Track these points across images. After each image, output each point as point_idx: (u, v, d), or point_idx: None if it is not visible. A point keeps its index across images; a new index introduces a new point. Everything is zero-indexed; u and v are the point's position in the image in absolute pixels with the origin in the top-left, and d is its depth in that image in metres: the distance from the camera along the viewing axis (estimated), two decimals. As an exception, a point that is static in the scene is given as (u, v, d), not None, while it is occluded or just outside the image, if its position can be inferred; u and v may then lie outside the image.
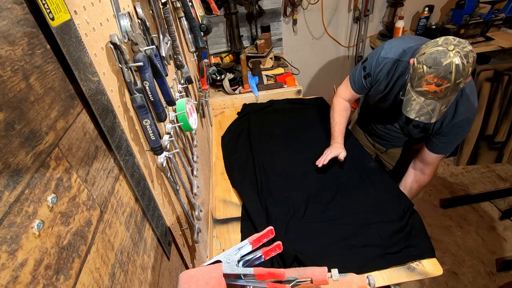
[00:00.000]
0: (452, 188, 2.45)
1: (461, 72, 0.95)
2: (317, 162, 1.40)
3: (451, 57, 0.95)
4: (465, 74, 0.96)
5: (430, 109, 1.04)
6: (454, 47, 0.95)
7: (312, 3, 2.42)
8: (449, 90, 0.98)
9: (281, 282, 0.68)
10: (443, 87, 0.98)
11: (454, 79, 0.96)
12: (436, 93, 1.00)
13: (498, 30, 2.37)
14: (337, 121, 1.46)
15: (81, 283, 0.38)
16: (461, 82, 0.97)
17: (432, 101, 1.02)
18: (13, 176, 0.30)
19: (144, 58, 0.58)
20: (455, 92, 1.01)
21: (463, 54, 0.95)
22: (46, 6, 0.36)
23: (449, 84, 0.97)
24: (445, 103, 1.03)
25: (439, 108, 1.03)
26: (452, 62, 0.94)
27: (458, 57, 0.94)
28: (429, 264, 1.04)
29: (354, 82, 1.40)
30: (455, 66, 0.94)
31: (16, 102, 0.32)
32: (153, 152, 0.65)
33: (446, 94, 0.99)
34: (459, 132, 1.21)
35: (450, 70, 0.95)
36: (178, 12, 1.13)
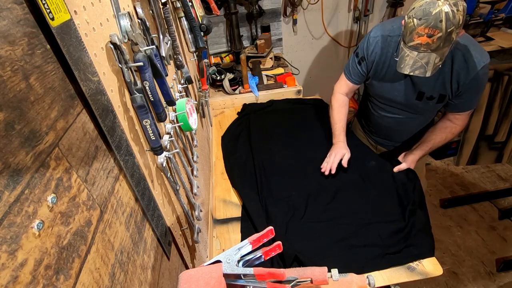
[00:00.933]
0: (452, 188, 2.45)
1: (451, 20, 0.94)
2: (323, 170, 1.36)
3: (440, 5, 0.94)
4: (455, 22, 0.95)
5: (424, 62, 1.02)
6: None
7: (312, 3, 2.42)
8: (441, 40, 0.97)
9: (281, 282, 0.68)
10: (435, 37, 0.97)
11: (445, 28, 0.95)
12: (429, 44, 0.98)
13: (498, 30, 2.38)
14: (337, 118, 1.44)
15: (81, 283, 0.38)
16: (452, 31, 0.96)
17: (425, 54, 1.01)
18: (13, 176, 0.30)
19: (144, 58, 0.58)
20: (448, 43, 0.99)
21: (452, 2, 0.94)
22: (46, 6, 0.36)
23: (441, 33, 0.96)
24: (439, 55, 1.01)
25: (433, 60, 1.01)
26: (441, 11, 0.94)
27: (447, 5, 0.94)
28: (429, 264, 1.04)
29: (349, 73, 1.39)
30: (444, 14, 0.93)
31: (16, 102, 0.32)
32: (153, 152, 0.65)
33: (439, 45, 0.98)
34: (480, 83, 1.16)
35: (440, 19, 0.94)
36: (178, 12, 1.14)
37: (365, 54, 1.29)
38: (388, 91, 1.32)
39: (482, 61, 1.11)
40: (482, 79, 1.15)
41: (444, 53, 1.02)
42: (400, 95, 1.30)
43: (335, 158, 1.35)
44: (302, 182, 1.37)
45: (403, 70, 1.06)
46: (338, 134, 1.42)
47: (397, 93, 1.30)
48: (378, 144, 1.61)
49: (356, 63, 1.34)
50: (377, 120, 1.49)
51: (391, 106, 1.38)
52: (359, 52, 1.32)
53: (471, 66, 1.11)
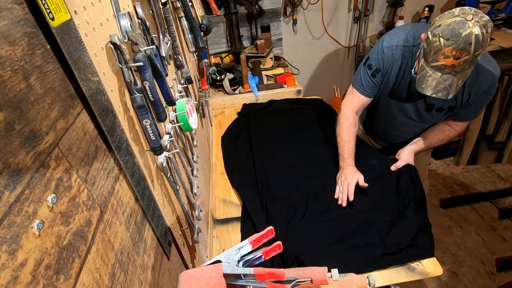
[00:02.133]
0: (452, 188, 2.45)
1: (480, 43, 0.89)
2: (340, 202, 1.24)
3: (470, 27, 0.89)
4: (484, 45, 0.91)
5: (447, 85, 0.97)
6: (472, 17, 0.89)
7: (312, 3, 2.42)
8: (467, 63, 0.93)
9: (281, 282, 0.68)
10: (461, 60, 0.92)
11: (473, 51, 0.90)
12: (454, 66, 0.94)
13: (498, 30, 2.37)
14: (346, 139, 1.31)
15: (81, 283, 0.38)
16: (479, 54, 0.92)
17: (449, 76, 0.96)
18: (13, 176, 0.30)
19: (144, 58, 0.58)
20: (472, 65, 0.95)
21: (482, 24, 0.89)
22: (46, 6, 0.36)
23: (468, 56, 0.91)
24: (462, 77, 0.97)
25: (456, 82, 0.97)
26: (471, 33, 0.89)
27: (478, 27, 0.88)
28: (429, 264, 1.04)
29: (362, 87, 1.29)
30: (474, 37, 0.88)
31: (16, 102, 0.32)
32: (153, 152, 0.65)
33: (464, 67, 0.94)
34: (489, 96, 1.15)
35: (470, 41, 0.89)
36: (178, 12, 1.14)
37: (380, 65, 1.21)
38: (397, 102, 1.29)
39: (494, 74, 1.09)
40: (492, 92, 1.14)
41: (466, 74, 0.98)
42: (410, 107, 1.27)
43: (349, 186, 1.24)
44: (302, 182, 1.37)
45: (424, 91, 1.01)
46: (347, 156, 1.31)
47: (407, 105, 1.27)
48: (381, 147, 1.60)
49: (369, 76, 1.25)
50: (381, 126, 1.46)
51: (398, 115, 1.34)
52: (373, 64, 1.23)
53: (483, 80, 1.09)
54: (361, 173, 1.27)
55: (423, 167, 1.58)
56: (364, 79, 1.27)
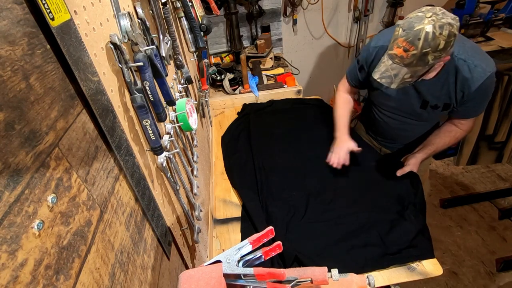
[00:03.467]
0: (452, 188, 2.45)
1: (429, 41, 0.93)
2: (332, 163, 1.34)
3: (424, 24, 0.93)
4: (433, 45, 0.93)
5: (393, 74, 1.03)
6: (432, 15, 0.93)
7: (312, 3, 2.42)
8: (415, 58, 0.96)
9: (281, 282, 0.68)
10: (409, 53, 0.96)
11: (421, 47, 0.94)
12: (402, 58, 0.98)
13: (498, 30, 2.37)
14: (340, 114, 1.44)
15: (81, 283, 0.38)
16: (428, 52, 0.94)
17: (397, 66, 1.01)
18: (13, 176, 0.30)
19: (144, 58, 0.58)
20: (422, 64, 0.98)
21: (439, 24, 0.92)
22: (46, 6, 0.36)
23: (415, 51, 0.95)
24: (410, 72, 1.01)
25: (402, 75, 1.01)
26: (423, 29, 0.93)
27: (432, 25, 0.92)
28: (429, 264, 1.04)
29: (350, 77, 1.41)
30: (424, 34, 0.92)
31: (16, 102, 0.32)
32: (153, 152, 0.65)
33: (411, 62, 0.98)
34: (486, 92, 1.15)
35: (419, 37, 0.93)
36: (178, 12, 1.14)
37: (364, 63, 1.29)
38: (390, 99, 1.32)
39: (488, 71, 1.09)
40: (488, 88, 1.14)
41: (416, 71, 1.01)
42: (404, 104, 1.29)
43: (341, 152, 1.33)
44: (302, 182, 1.37)
45: (374, 74, 1.07)
46: (342, 127, 1.40)
47: (401, 102, 1.29)
48: (382, 146, 1.59)
49: (357, 70, 1.35)
50: (381, 125, 1.48)
51: (394, 113, 1.37)
52: (360, 60, 1.32)
53: (476, 77, 1.10)
54: (353, 141, 1.34)
55: (424, 168, 1.57)
56: (353, 71, 1.38)
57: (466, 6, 2.14)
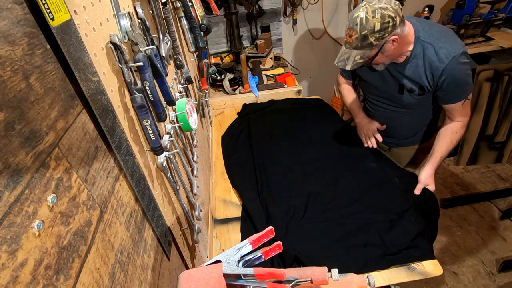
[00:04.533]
0: (452, 188, 2.45)
1: (364, 25, 1.08)
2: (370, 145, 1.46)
3: (360, 11, 1.09)
4: (369, 27, 1.08)
5: (346, 57, 1.19)
6: (366, 3, 1.10)
7: (312, 3, 2.42)
8: (358, 41, 1.12)
9: (281, 282, 0.68)
10: (353, 38, 1.13)
11: (359, 31, 1.10)
12: (350, 43, 1.15)
13: (498, 30, 2.37)
14: (350, 100, 1.57)
15: (81, 283, 0.38)
16: (366, 35, 1.09)
17: (348, 50, 1.18)
18: (13, 176, 0.30)
19: (144, 58, 0.58)
20: (366, 45, 1.12)
21: (371, 10, 1.08)
22: (46, 6, 0.36)
23: (356, 35, 1.11)
24: (359, 54, 1.16)
25: (353, 57, 1.17)
26: (358, 16, 1.09)
27: (364, 11, 1.08)
28: (429, 264, 1.04)
29: (341, 70, 1.55)
30: (359, 19, 1.09)
31: (16, 102, 0.32)
32: (153, 152, 0.65)
33: (357, 45, 1.13)
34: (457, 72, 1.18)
35: (356, 22, 1.10)
36: (178, 12, 1.14)
37: None
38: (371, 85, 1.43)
39: (453, 51, 1.15)
40: (458, 68, 1.17)
41: (365, 53, 1.15)
42: (383, 88, 1.38)
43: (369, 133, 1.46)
44: (302, 182, 1.37)
45: (335, 60, 1.23)
46: (358, 112, 1.54)
47: (381, 87, 1.39)
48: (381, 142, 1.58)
49: None
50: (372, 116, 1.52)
51: (379, 101, 1.46)
52: None
53: (440, 57, 1.17)
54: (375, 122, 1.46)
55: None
56: None
57: (466, 6, 2.14)
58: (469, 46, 2.21)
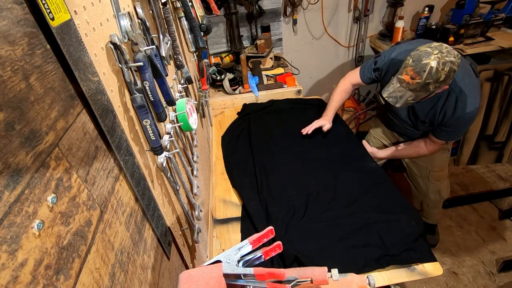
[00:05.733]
0: (452, 188, 2.45)
1: (432, 74, 1.11)
2: (302, 130, 1.59)
3: (431, 59, 1.11)
4: (435, 78, 1.11)
5: (399, 95, 1.21)
6: (438, 53, 1.11)
7: (312, 3, 2.42)
8: (418, 85, 1.15)
9: (281, 282, 0.68)
10: (415, 81, 1.15)
11: (424, 78, 1.12)
12: (409, 84, 1.17)
13: (498, 30, 2.37)
14: (335, 99, 1.64)
15: (81, 283, 0.38)
16: (430, 83, 1.13)
17: (403, 89, 1.19)
18: (13, 176, 0.30)
19: (144, 58, 0.58)
20: (424, 90, 1.16)
21: (442, 61, 1.10)
22: (46, 6, 0.36)
23: (420, 80, 1.13)
24: (413, 96, 1.19)
25: (406, 97, 1.20)
26: (429, 63, 1.11)
27: (436, 62, 1.10)
28: (429, 264, 1.04)
29: (363, 73, 1.54)
30: (429, 68, 1.11)
31: (16, 102, 0.32)
32: (153, 152, 0.65)
33: (415, 88, 1.16)
34: (460, 125, 1.34)
35: (424, 69, 1.11)
36: (178, 12, 1.13)
37: (381, 67, 1.45)
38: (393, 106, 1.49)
39: (469, 109, 1.26)
40: (464, 123, 1.32)
41: (418, 95, 1.19)
42: (402, 113, 1.51)
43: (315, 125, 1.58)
44: (302, 182, 1.37)
45: (383, 92, 1.25)
46: (329, 110, 1.64)
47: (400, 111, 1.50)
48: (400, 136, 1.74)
49: (372, 70, 1.50)
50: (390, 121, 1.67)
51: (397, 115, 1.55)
52: (378, 62, 1.47)
53: (458, 109, 1.28)
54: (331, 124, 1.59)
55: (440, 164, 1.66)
56: (368, 68, 1.52)
57: (466, 6, 2.14)
58: (469, 46, 2.21)
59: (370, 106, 2.69)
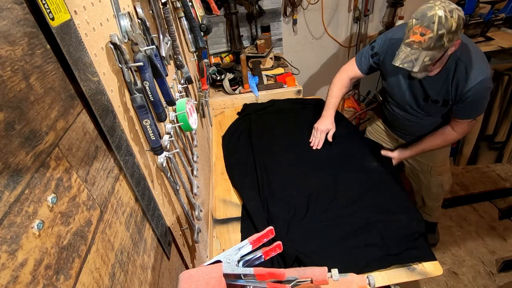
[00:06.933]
0: (452, 188, 2.45)
1: (443, 23, 1.05)
2: (312, 145, 1.54)
3: (436, 10, 1.05)
4: (447, 27, 1.05)
5: (413, 58, 1.12)
6: (440, 3, 1.07)
7: (312, 3, 2.42)
8: (432, 41, 1.07)
9: (281, 282, 0.68)
10: (426, 37, 1.07)
11: (436, 29, 1.05)
12: (420, 43, 1.09)
13: (498, 30, 2.37)
14: (334, 94, 1.57)
15: (81, 283, 0.38)
16: (443, 34, 1.06)
17: (416, 51, 1.11)
18: (13, 176, 0.30)
19: (144, 58, 0.58)
20: (439, 47, 1.09)
21: (448, 9, 1.05)
22: (46, 6, 0.36)
23: (432, 34, 1.06)
24: (429, 55, 1.10)
25: (422, 58, 1.11)
26: (435, 14, 1.05)
27: (442, 10, 1.05)
28: (429, 264, 1.04)
29: (360, 62, 1.48)
30: (438, 17, 1.05)
31: (16, 102, 0.32)
32: (153, 152, 0.65)
33: (429, 44, 1.08)
34: (478, 95, 1.23)
35: (433, 21, 1.05)
36: (178, 12, 1.13)
37: (379, 50, 1.40)
38: (400, 91, 1.42)
39: (481, 76, 1.19)
40: (480, 93, 1.23)
41: (434, 55, 1.11)
42: (410, 96, 1.40)
43: (321, 135, 1.53)
44: (303, 182, 1.37)
45: (395, 62, 1.16)
46: (331, 107, 1.57)
47: (407, 94, 1.40)
48: (399, 137, 1.68)
49: (370, 56, 1.43)
50: (391, 116, 1.59)
51: (401, 103, 1.47)
52: (375, 46, 1.41)
53: (469, 78, 1.21)
54: (334, 126, 1.53)
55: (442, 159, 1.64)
56: (364, 56, 1.46)
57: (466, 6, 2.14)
58: (469, 46, 2.21)
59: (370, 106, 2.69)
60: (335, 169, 1.42)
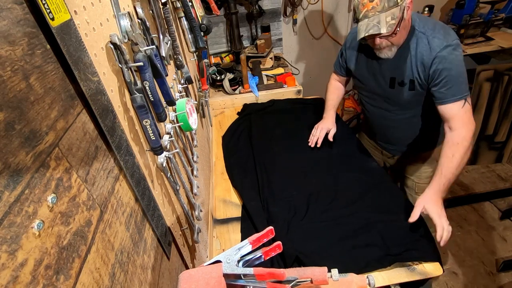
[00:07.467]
0: (452, 188, 2.45)
1: None
2: (310, 143, 1.55)
3: None
4: None
5: (375, 22, 1.09)
6: None
7: (312, 3, 2.42)
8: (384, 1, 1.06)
9: (281, 282, 0.68)
10: (376, 1, 1.07)
11: None
12: (374, 8, 1.08)
13: (498, 30, 2.37)
14: (330, 97, 1.63)
15: (81, 283, 0.38)
16: None
17: (374, 17, 1.09)
18: (13, 176, 0.30)
19: (144, 58, 0.58)
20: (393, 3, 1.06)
21: None
22: (46, 6, 0.36)
23: None
24: (389, 14, 1.08)
25: (384, 19, 1.08)
26: None
27: None
28: (429, 264, 1.04)
29: (336, 66, 1.58)
30: None
31: (16, 102, 0.32)
32: (153, 152, 0.65)
33: (384, 5, 1.07)
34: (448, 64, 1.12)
35: None
36: (178, 12, 1.14)
37: (344, 47, 1.46)
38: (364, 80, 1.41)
39: (445, 41, 1.12)
40: (450, 58, 1.12)
41: (394, 13, 1.08)
42: (375, 82, 1.36)
43: (321, 132, 1.53)
44: (303, 182, 1.37)
45: (359, 35, 1.13)
46: (330, 109, 1.60)
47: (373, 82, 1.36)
48: (383, 149, 1.57)
49: (339, 57, 1.53)
50: (369, 117, 1.51)
51: (372, 98, 1.42)
52: (341, 48, 1.50)
53: (433, 47, 1.14)
54: (335, 125, 1.55)
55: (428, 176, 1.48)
56: (337, 59, 1.55)
57: (466, 6, 2.14)
58: (469, 46, 2.22)
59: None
60: (335, 169, 1.42)
